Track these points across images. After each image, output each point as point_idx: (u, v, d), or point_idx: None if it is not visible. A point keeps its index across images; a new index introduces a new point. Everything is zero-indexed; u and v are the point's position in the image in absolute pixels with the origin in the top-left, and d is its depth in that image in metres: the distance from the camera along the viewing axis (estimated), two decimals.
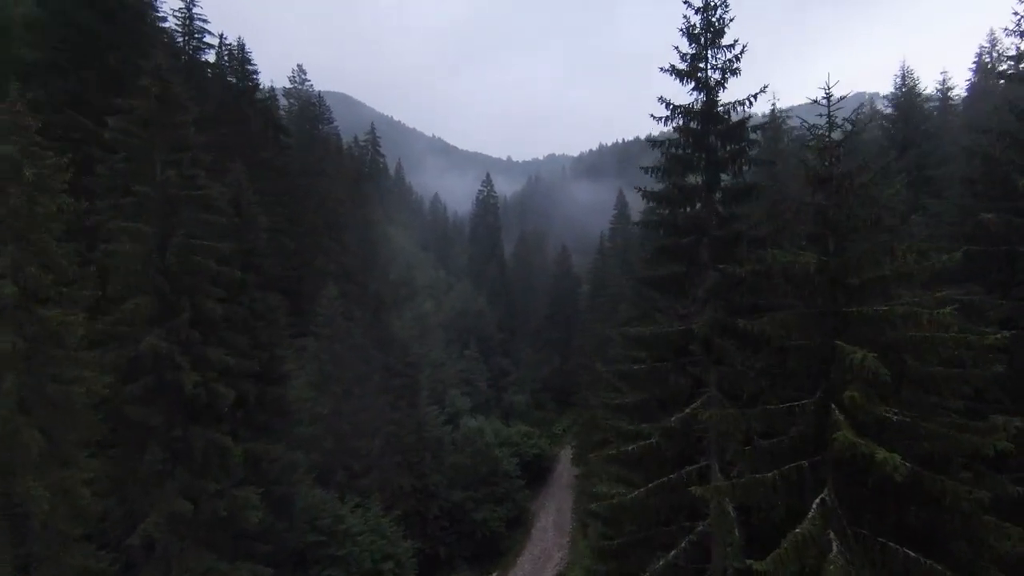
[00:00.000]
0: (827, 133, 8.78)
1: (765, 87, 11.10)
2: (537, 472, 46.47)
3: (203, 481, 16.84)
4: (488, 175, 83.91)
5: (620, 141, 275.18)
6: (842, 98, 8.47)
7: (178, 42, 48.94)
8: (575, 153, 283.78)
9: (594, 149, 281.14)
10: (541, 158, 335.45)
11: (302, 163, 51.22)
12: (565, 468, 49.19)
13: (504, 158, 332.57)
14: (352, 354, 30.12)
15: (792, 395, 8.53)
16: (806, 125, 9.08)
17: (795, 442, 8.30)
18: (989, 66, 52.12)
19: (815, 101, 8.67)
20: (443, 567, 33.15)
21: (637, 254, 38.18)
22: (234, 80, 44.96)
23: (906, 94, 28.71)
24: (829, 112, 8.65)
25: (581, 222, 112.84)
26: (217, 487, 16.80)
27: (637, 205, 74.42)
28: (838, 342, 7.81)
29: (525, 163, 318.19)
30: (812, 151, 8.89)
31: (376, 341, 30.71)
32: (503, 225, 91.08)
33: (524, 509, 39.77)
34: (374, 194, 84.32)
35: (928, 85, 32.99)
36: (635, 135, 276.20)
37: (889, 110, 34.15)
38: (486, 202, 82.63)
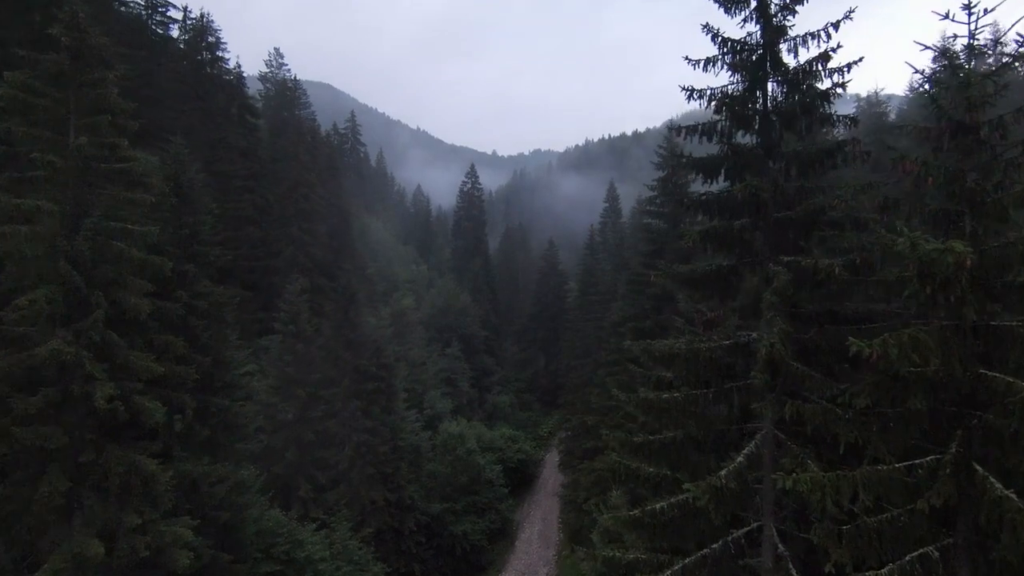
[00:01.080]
0: (967, 62, 6.26)
1: (852, 10, 8.31)
2: (521, 479, 44.03)
3: (121, 514, 13.94)
4: (472, 166, 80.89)
5: (607, 136, 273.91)
6: (989, 11, 5.98)
7: (140, 15, 45.35)
8: (561, 148, 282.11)
9: (580, 144, 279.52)
10: (527, 153, 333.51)
11: (274, 148, 47.93)
12: (551, 473, 46.81)
13: (489, 152, 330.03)
14: (319, 355, 27.21)
15: (902, 446, 6.05)
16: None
17: (916, 517, 5.83)
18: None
19: (945, 16, 6.11)
20: None
21: (632, 249, 35.72)
22: (200, 56, 41.39)
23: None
24: (971, 33, 6.11)
25: (568, 217, 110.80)
26: (139, 521, 13.89)
27: (628, 200, 72.08)
28: (997, 375, 5.37)
29: (511, 157, 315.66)
30: (954, 87, 6.30)
31: (346, 340, 27.81)
32: (488, 220, 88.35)
33: (507, 520, 37.26)
34: (352, 183, 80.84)
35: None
36: (621, 131, 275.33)
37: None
38: (470, 195, 79.62)
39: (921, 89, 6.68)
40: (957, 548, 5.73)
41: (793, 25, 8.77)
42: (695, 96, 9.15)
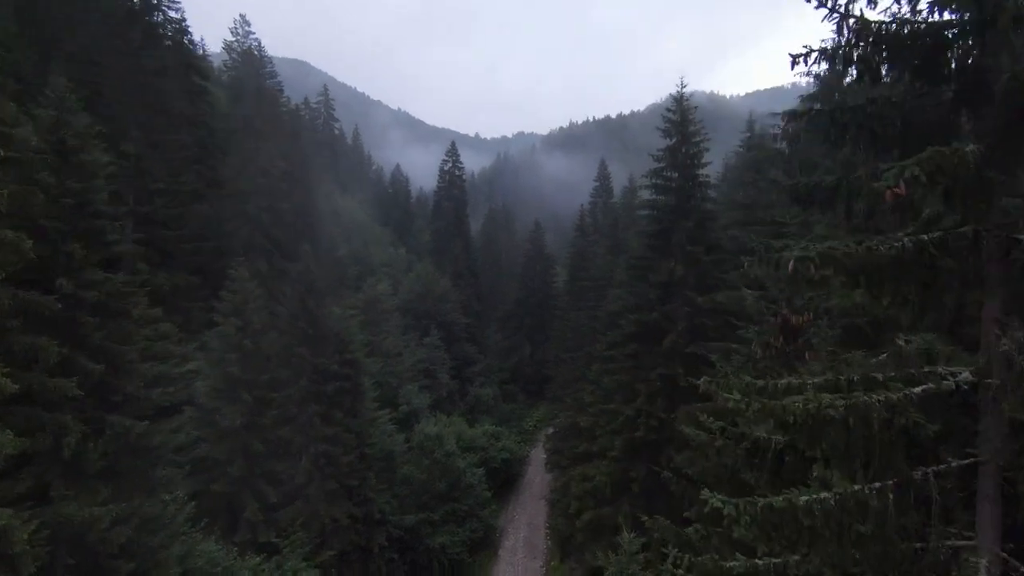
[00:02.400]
0: None
1: None
2: (505, 479, 40.87)
3: None
4: (453, 143, 76.34)
5: (592, 119, 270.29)
6: None
7: None
8: (545, 131, 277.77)
9: (565, 126, 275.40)
10: (510, 136, 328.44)
11: (232, 120, 43.13)
12: (536, 472, 43.74)
13: (472, 134, 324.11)
14: (270, 352, 23.36)
15: None
16: None
17: None
18: None
19: None
20: None
21: (629, 230, 32.16)
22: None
23: None
24: None
25: (554, 199, 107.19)
26: None
27: (618, 179, 68.61)
28: None
29: (494, 140, 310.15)
30: None
31: (303, 334, 23.97)
32: (470, 202, 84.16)
33: (490, 527, 34.09)
34: (325, 161, 75.96)
35: None
36: (606, 114, 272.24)
37: None
38: (451, 174, 75.18)
39: None
40: None
41: None
42: None
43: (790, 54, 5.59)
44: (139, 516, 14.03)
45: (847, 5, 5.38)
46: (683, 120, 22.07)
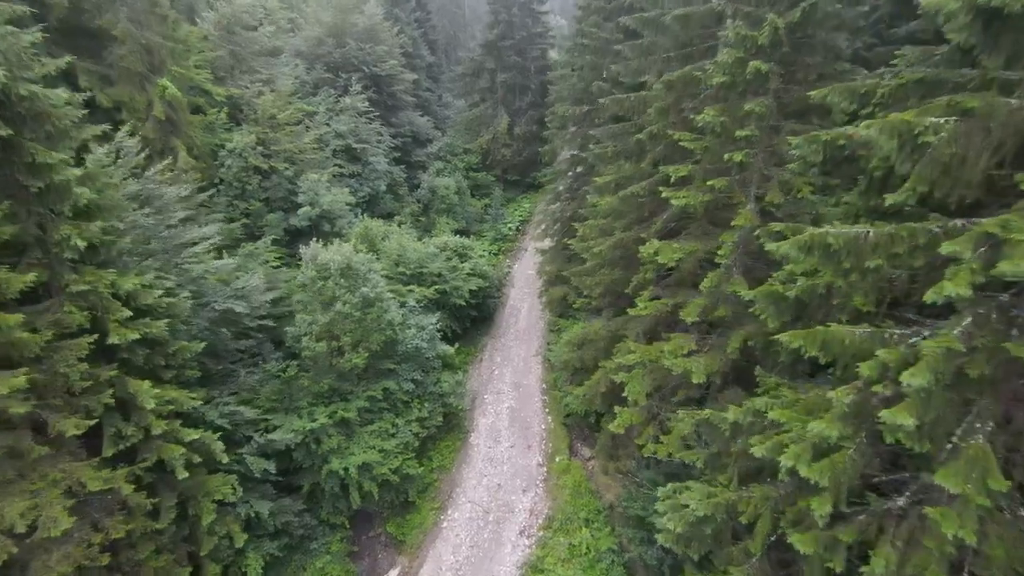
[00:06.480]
0: None
1: None
2: (477, 316, 26.83)
3: None
4: None
5: None
6: None
7: None
8: None
9: None
10: None
11: None
12: (523, 298, 29.82)
13: None
14: None
15: None
16: None
17: None
18: None
19: None
20: None
21: None
22: None
23: None
24: None
25: None
26: None
27: None
28: None
29: None
30: None
31: None
32: None
33: (453, 407, 20.71)
34: None
35: None
36: None
37: None
38: None
39: None
40: None
41: None
42: None
43: None
44: None
45: None
46: None
